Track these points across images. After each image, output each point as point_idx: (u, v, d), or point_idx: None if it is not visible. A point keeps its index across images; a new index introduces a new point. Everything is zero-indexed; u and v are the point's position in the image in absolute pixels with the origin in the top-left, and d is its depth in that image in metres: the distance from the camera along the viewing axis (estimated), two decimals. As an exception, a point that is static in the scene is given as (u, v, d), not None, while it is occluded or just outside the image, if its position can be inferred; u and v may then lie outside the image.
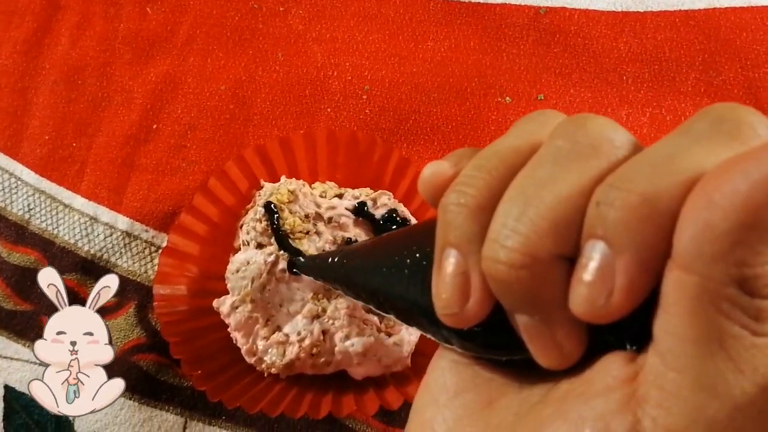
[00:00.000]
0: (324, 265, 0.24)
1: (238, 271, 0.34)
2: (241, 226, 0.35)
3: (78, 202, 0.41)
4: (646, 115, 0.41)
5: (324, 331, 0.33)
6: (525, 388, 0.17)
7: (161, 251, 0.37)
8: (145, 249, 0.40)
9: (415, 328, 0.19)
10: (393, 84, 0.42)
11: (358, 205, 0.35)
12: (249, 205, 0.36)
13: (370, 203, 0.35)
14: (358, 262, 0.22)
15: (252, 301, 0.33)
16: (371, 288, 0.21)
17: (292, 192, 0.34)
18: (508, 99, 0.42)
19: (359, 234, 0.35)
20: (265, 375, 0.34)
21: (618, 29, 0.43)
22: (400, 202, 0.36)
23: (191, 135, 0.42)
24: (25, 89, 0.44)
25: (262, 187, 0.36)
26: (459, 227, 0.16)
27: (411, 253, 0.19)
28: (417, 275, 0.18)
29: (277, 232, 0.33)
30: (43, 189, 0.42)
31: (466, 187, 0.16)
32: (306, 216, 0.34)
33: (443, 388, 0.18)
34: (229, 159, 0.39)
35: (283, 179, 0.36)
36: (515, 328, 0.16)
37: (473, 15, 0.44)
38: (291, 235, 0.34)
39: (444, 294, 0.16)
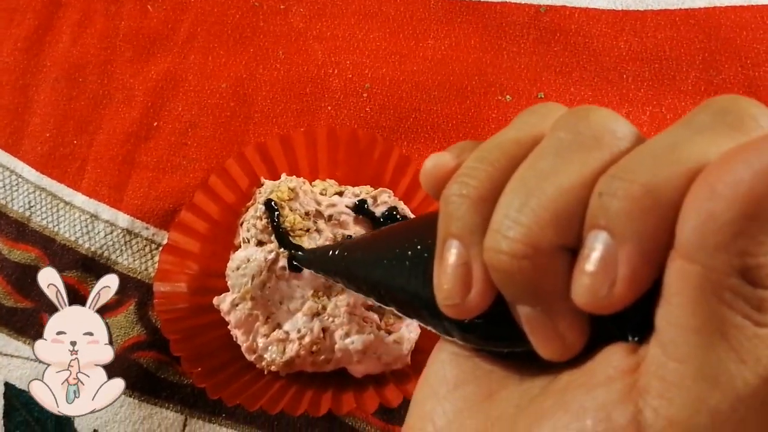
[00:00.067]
0: (324, 258, 0.24)
1: (238, 269, 0.34)
2: (242, 223, 0.35)
3: (79, 199, 0.41)
4: (646, 114, 0.41)
5: (324, 329, 0.33)
6: (526, 380, 0.17)
7: (162, 248, 0.37)
8: (146, 246, 0.40)
9: (416, 320, 0.19)
10: (393, 82, 0.42)
11: (358, 203, 0.35)
12: (249, 203, 0.36)
13: (370, 201, 0.35)
14: (358, 254, 0.22)
15: (252, 299, 0.33)
16: (372, 280, 0.21)
17: (292, 189, 0.34)
18: (508, 97, 0.42)
19: (359, 232, 0.35)
20: (265, 372, 0.34)
21: (618, 28, 0.43)
22: (400, 199, 0.36)
23: (192, 132, 0.42)
24: (26, 87, 0.44)
25: (262, 185, 0.36)
26: (461, 218, 0.16)
27: (412, 245, 0.19)
28: (418, 267, 0.18)
29: (278, 229, 0.33)
30: (44, 186, 0.41)
31: (468, 179, 0.16)
32: (306, 213, 0.34)
33: (443, 380, 0.18)
34: (230, 156, 0.39)
35: (284, 177, 0.36)
36: (517, 319, 0.16)
37: (474, 13, 0.44)
38: (291, 233, 0.34)
39: (446, 285, 0.16)
